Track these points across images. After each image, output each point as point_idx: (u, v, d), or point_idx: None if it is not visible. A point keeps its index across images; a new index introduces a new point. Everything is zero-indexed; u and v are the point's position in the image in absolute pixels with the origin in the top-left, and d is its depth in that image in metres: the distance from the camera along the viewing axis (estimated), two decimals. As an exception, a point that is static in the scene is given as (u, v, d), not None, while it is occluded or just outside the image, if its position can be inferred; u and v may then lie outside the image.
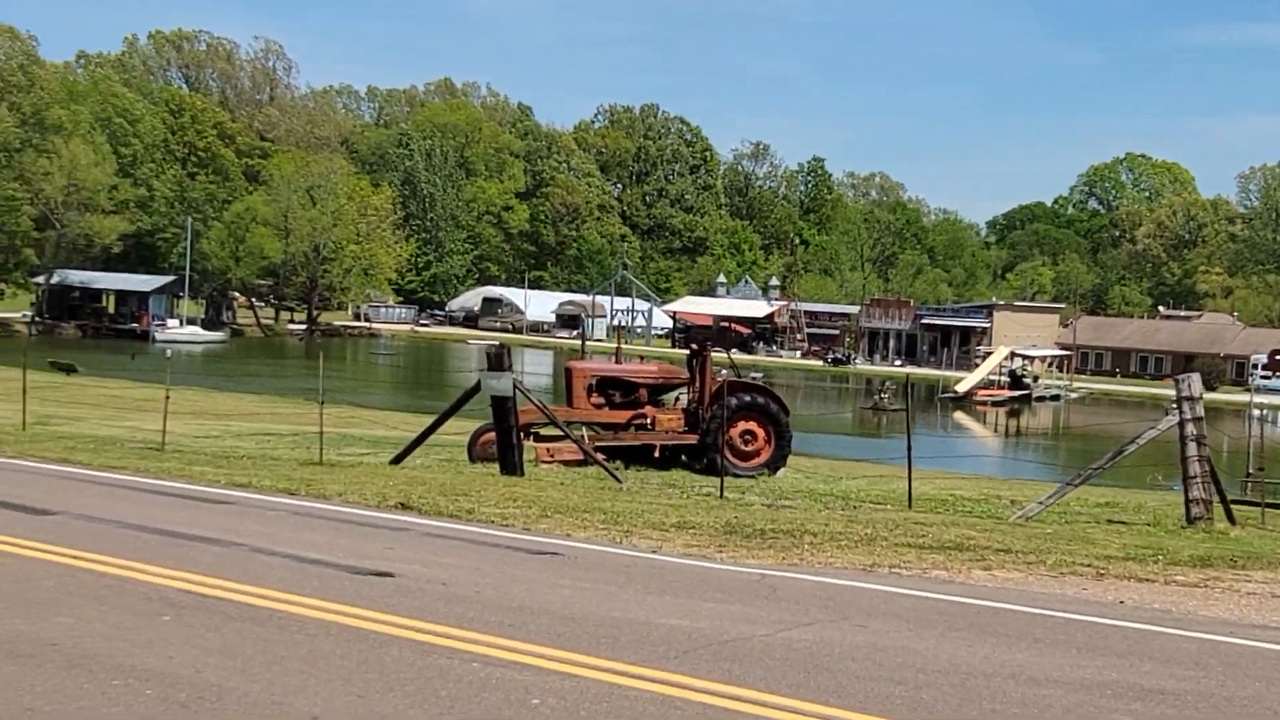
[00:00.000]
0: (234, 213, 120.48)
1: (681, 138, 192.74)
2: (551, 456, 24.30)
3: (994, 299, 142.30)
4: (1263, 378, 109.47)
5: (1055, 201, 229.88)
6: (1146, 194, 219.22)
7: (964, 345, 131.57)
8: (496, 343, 20.91)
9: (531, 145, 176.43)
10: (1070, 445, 60.72)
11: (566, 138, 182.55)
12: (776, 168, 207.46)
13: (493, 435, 23.18)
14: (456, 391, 24.70)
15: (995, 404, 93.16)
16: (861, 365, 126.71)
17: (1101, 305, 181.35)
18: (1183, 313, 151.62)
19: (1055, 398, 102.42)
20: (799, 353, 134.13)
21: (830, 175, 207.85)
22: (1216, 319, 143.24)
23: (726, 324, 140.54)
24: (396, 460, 21.44)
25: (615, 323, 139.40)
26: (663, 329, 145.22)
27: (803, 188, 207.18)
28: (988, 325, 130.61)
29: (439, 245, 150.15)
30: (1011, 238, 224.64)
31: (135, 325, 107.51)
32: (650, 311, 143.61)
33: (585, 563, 12.22)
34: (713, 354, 25.78)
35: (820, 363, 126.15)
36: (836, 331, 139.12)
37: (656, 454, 25.14)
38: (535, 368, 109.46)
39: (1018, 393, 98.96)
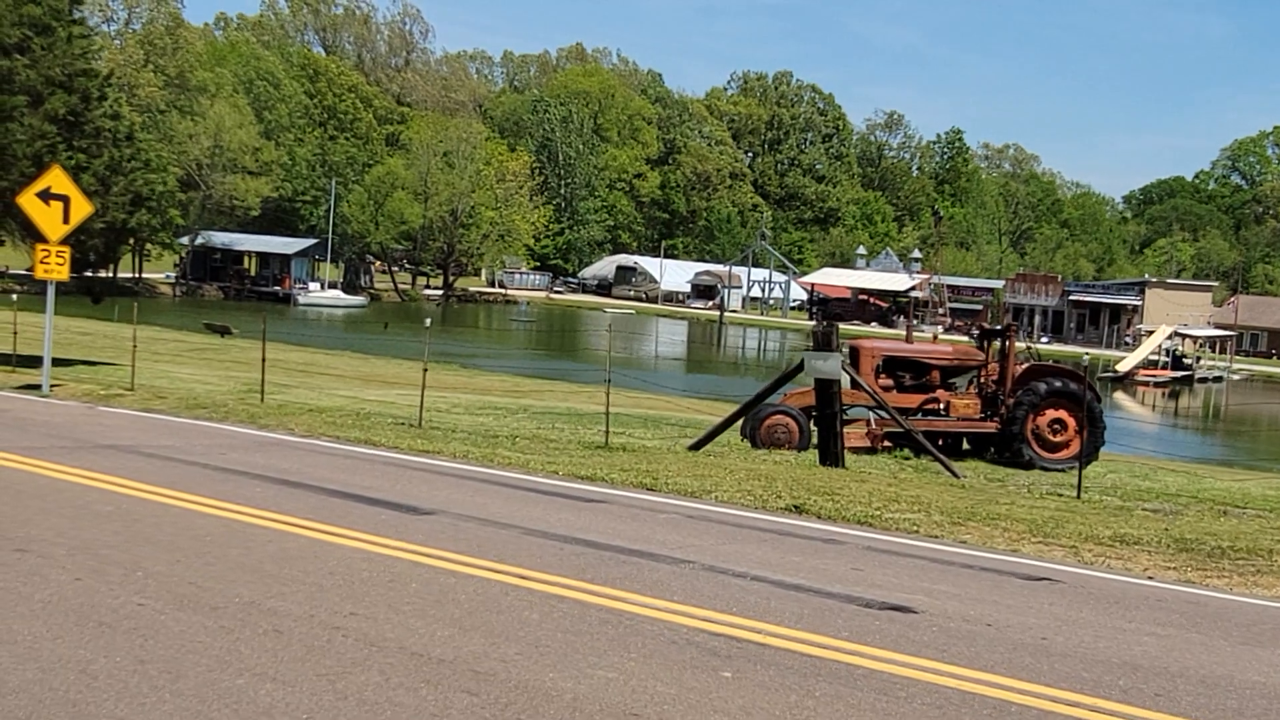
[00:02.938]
0: (374, 176, 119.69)
1: (814, 106, 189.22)
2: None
3: (1146, 275, 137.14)
4: None
5: (1196, 176, 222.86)
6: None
7: (1113, 323, 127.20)
8: (823, 321, 18.68)
9: (663, 112, 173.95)
10: None
11: (699, 104, 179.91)
12: (910, 138, 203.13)
13: (779, 419, 21.13)
14: (638, 361, 22.49)
15: (1157, 384, 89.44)
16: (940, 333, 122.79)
17: (1244, 284, 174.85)
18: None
19: (1218, 379, 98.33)
20: (941, 327, 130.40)
21: (968, 147, 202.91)
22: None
23: (865, 297, 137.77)
24: (696, 446, 19.34)
25: (750, 294, 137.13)
26: (798, 301, 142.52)
27: (938, 159, 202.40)
28: (1139, 303, 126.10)
29: (575, 212, 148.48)
30: (1150, 213, 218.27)
31: (277, 288, 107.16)
32: (787, 283, 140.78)
33: (1092, 592, 9.99)
34: (1014, 339, 23.32)
35: (966, 338, 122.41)
36: (979, 307, 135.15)
37: (965, 445, 22.88)
38: (671, 337, 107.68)
39: (1179, 373, 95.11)
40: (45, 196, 24.15)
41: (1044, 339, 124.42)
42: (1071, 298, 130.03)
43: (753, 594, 9.11)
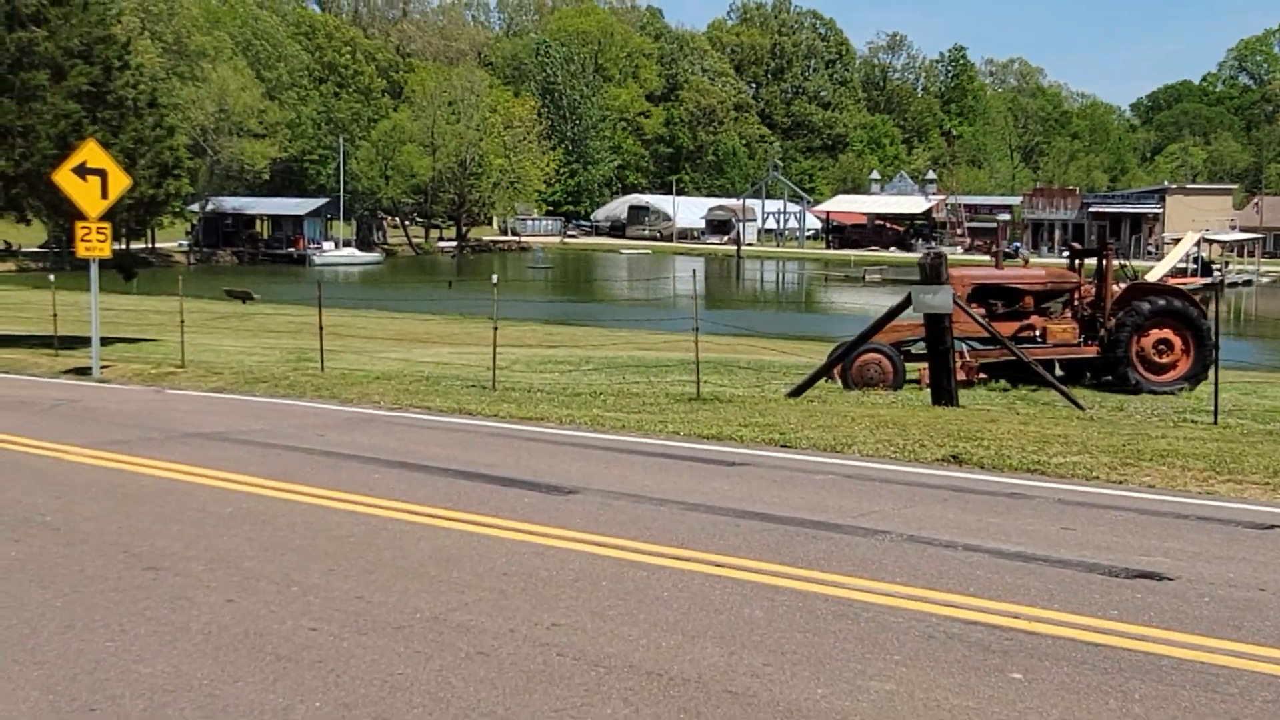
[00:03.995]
0: (381, 131, 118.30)
1: (816, 32, 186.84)
2: (935, 378, 21.04)
3: (1166, 182, 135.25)
4: None
5: (1203, 79, 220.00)
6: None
7: (1135, 233, 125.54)
8: (933, 251, 17.55)
9: (664, 48, 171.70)
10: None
11: (700, 38, 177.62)
12: (914, 59, 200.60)
13: (872, 357, 20.09)
14: (666, 300, 21.38)
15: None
16: (1031, 258, 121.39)
17: (1258, 184, 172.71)
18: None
19: (1247, 283, 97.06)
20: (960, 248, 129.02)
21: (972, 64, 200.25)
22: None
23: (881, 222, 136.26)
24: (796, 392, 18.30)
25: (765, 226, 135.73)
26: (813, 230, 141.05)
27: (942, 78, 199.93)
28: (1160, 211, 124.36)
29: (584, 154, 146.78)
30: (1158, 119, 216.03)
31: (291, 249, 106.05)
32: (802, 213, 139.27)
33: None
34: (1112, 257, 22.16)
35: (987, 257, 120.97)
36: (997, 225, 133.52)
37: (1059, 371, 21.81)
38: (686, 273, 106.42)
39: (1208, 280, 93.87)
40: (82, 172, 23.08)
41: (1066, 252, 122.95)
42: (1091, 210, 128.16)
43: (980, 569, 8.09)
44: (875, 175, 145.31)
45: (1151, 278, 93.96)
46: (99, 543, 8.90)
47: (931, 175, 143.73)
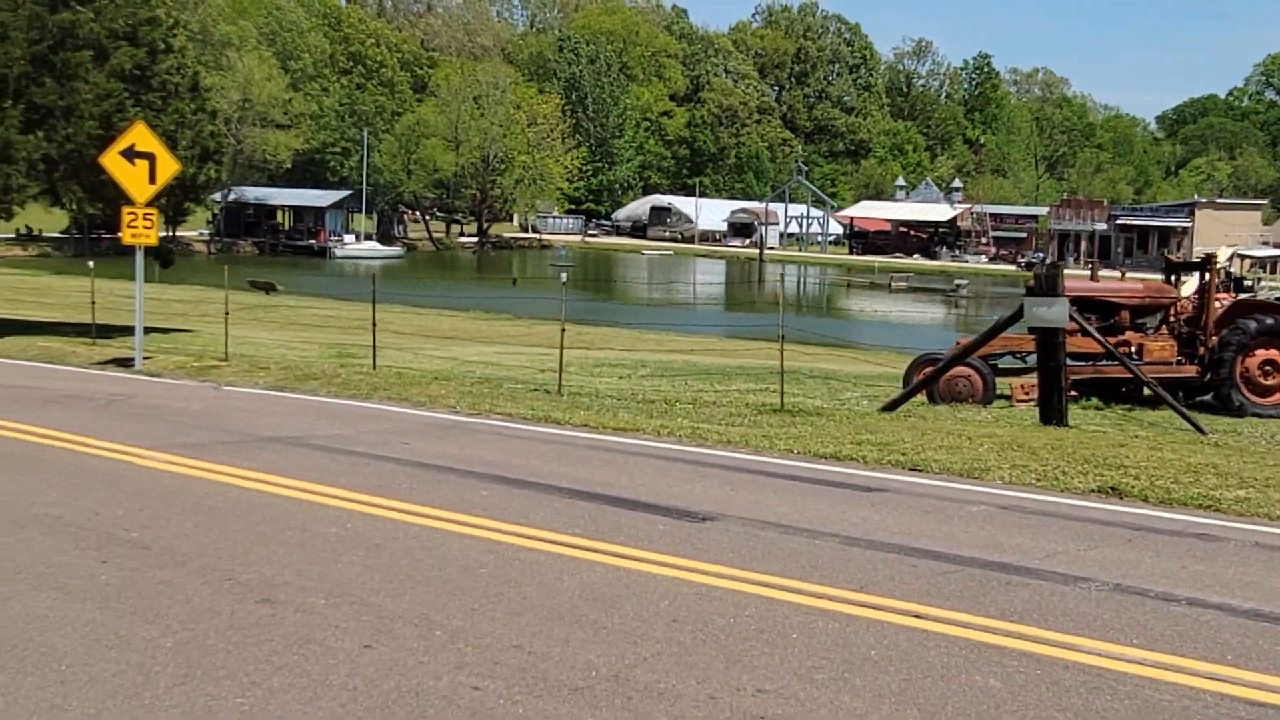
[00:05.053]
0: (404, 125, 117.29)
1: (840, 36, 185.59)
2: (1027, 394, 20.00)
3: (1196, 196, 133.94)
4: None
5: (1229, 94, 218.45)
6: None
7: (1162, 246, 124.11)
8: (1046, 260, 16.48)
9: (688, 48, 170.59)
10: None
11: (723, 39, 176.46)
12: (939, 66, 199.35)
13: (961, 370, 19.01)
14: (696, 303, 20.28)
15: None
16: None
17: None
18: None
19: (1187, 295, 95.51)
20: (985, 257, 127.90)
21: (997, 73, 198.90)
22: None
23: (905, 229, 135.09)
24: (891, 406, 17.23)
25: (787, 230, 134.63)
26: (834, 236, 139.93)
27: (967, 86, 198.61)
28: (1188, 224, 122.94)
29: (607, 152, 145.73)
30: (1183, 132, 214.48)
31: (312, 241, 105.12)
32: (825, 218, 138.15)
33: None
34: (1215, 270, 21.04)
35: (1012, 267, 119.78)
36: (1024, 234, 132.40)
37: (1147, 391, 20.70)
38: (707, 277, 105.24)
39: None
40: (130, 155, 22.11)
41: (1091, 264, 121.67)
42: (1119, 222, 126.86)
43: (1224, 630, 7.01)
44: (900, 182, 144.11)
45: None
46: (198, 566, 7.86)
47: (957, 183, 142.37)
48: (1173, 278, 22.61)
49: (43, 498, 9.66)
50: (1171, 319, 21.25)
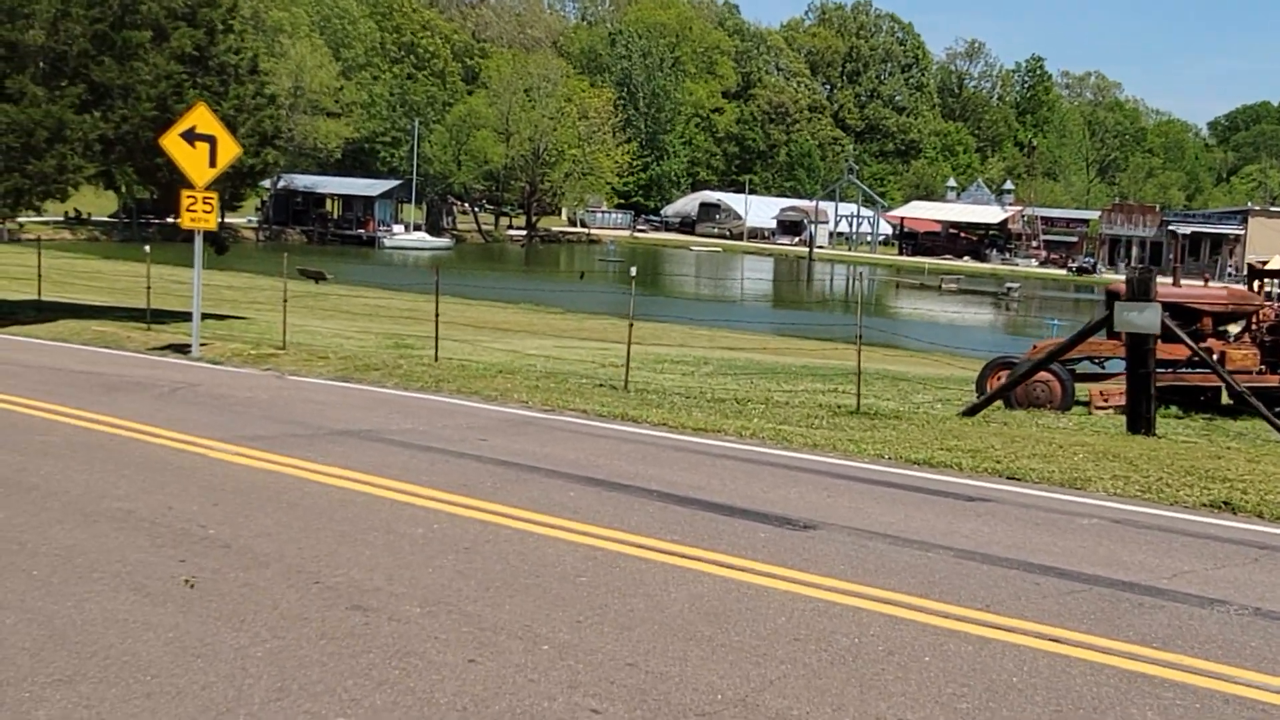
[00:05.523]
0: (456, 115, 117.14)
1: (893, 35, 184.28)
2: (1106, 401, 19.40)
3: (1250, 204, 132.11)
4: None
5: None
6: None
7: (1214, 253, 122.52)
8: (1138, 265, 15.90)
9: (740, 45, 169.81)
10: None
11: (776, 36, 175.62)
12: (991, 67, 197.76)
13: (1042, 375, 18.47)
14: (744, 299, 19.69)
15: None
16: (1107, 274, 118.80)
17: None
18: None
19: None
20: (1035, 261, 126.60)
21: (1049, 75, 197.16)
22: None
23: (955, 230, 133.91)
24: (972, 411, 16.68)
25: (837, 229, 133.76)
26: (884, 236, 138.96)
27: (1018, 88, 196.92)
28: (1241, 232, 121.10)
29: (658, 147, 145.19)
30: (1235, 139, 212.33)
31: (361, 231, 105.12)
32: (876, 218, 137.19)
33: None
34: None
35: (1063, 271, 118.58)
36: (1075, 239, 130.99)
37: (1225, 399, 20.11)
38: (755, 274, 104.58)
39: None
40: (190, 137, 21.76)
41: (1174, 269, 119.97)
42: (1170, 228, 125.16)
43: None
44: (951, 183, 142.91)
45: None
46: (282, 568, 7.44)
47: (1008, 185, 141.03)
48: (1255, 285, 21.89)
49: (113, 490, 9.28)
50: (1254, 327, 20.57)
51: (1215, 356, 19.79)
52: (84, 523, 8.35)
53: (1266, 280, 20.45)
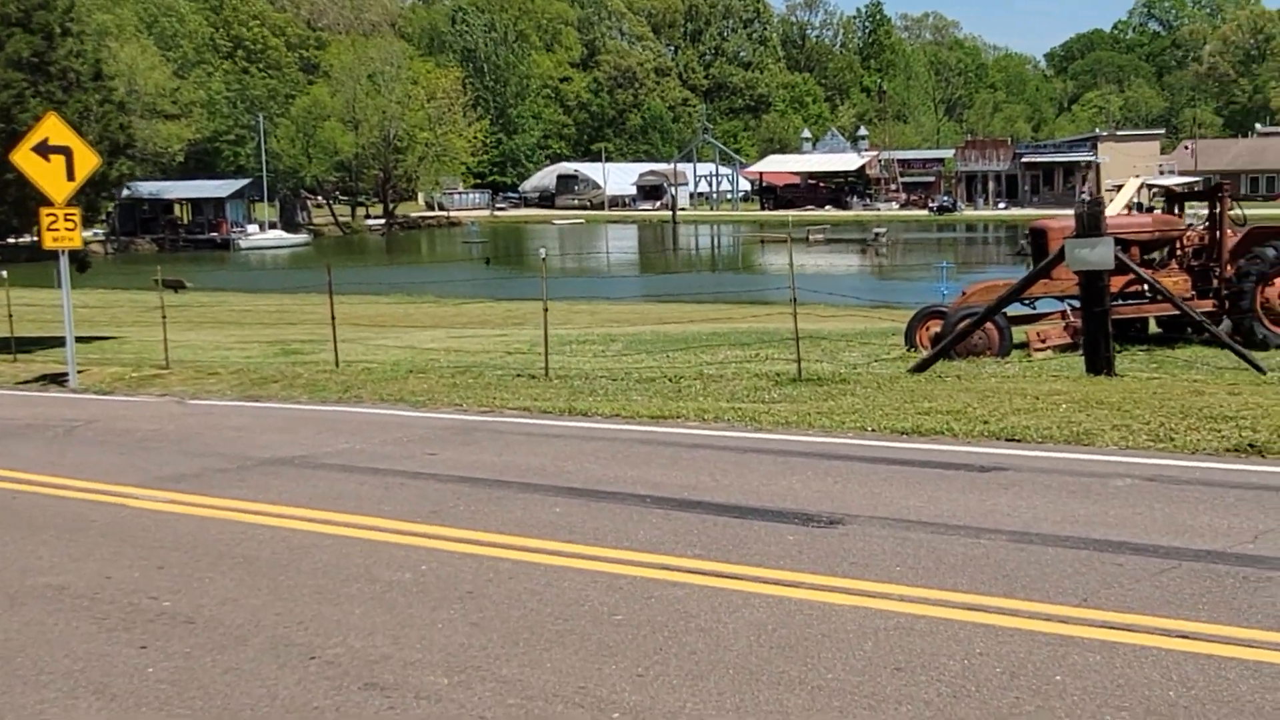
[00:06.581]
0: (300, 108, 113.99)
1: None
2: (1044, 342, 18.84)
3: (1097, 130, 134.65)
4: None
5: (1114, 27, 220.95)
6: (1208, 10, 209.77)
7: (1067, 182, 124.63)
8: (1085, 197, 15.22)
9: (582, 13, 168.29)
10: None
11: (616, 1, 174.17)
12: (832, 15, 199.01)
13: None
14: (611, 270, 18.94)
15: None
16: (967, 211, 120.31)
17: (1173, 129, 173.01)
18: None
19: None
20: (896, 204, 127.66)
21: (889, 19, 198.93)
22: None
23: (814, 181, 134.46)
24: (921, 368, 15.91)
25: (697, 190, 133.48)
26: (743, 192, 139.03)
27: (860, 34, 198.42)
28: (1092, 159, 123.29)
29: (509, 121, 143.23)
30: (1073, 68, 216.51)
31: (214, 234, 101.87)
32: (734, 175, 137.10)
33: None
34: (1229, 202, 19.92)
35: (924, 212, 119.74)
36: (932, 179, 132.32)
37: (1154, 328, 19.73)
38: (622, 243, 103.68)
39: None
40: (44, 150, 20.12)
41: (1001, 204, 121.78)
42: (1024, 160, 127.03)
43: None
44: (806, 134, 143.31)
45: (1110, 212, 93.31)
46: (265, 642, 6.28)
47: (862, 132, 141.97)
48: (1174, 209, 21.49)
49: (35, 562, 8.00)
50: (1179, 253, 20.14)
51: (1146, 286, 19.31)
52: (10, 607, 7.09)
53: (1215, 200, 19.96)
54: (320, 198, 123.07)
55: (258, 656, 6.08)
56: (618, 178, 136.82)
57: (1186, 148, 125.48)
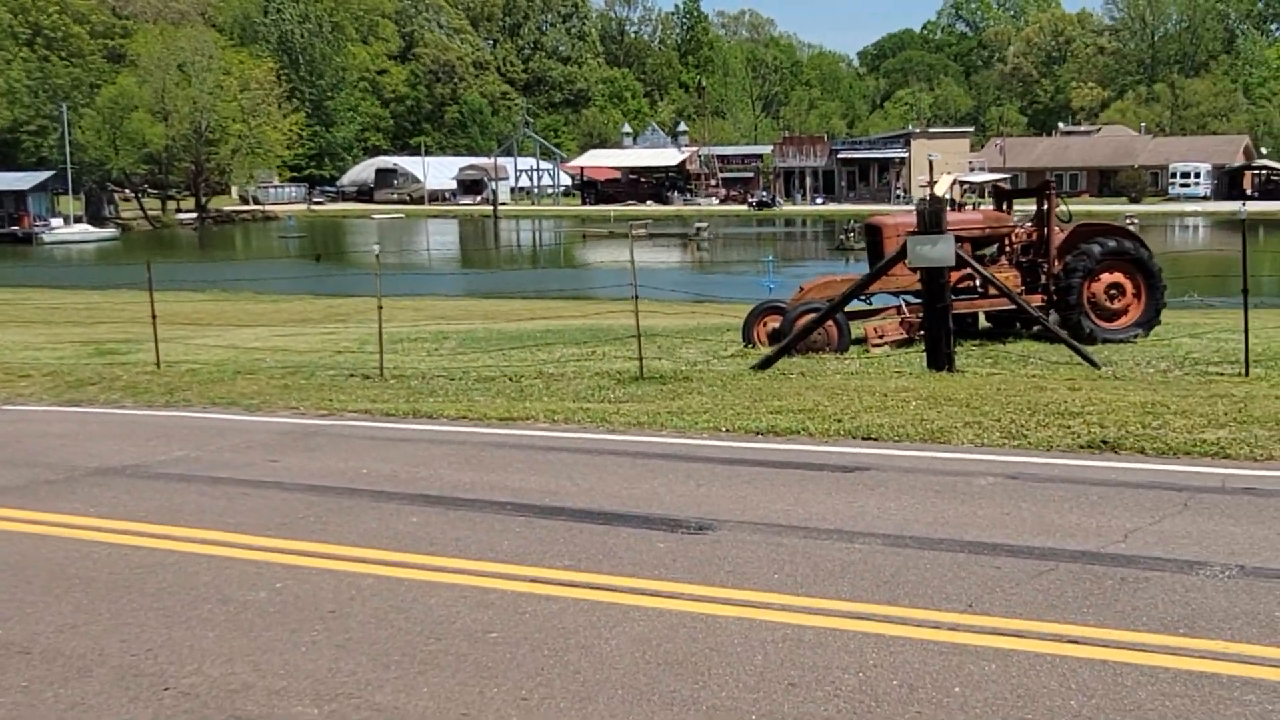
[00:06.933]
0: (106, 98, 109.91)
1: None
2: (881, 338, 19.02)
3: (910, 127, 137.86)
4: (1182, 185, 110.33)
5: (924, 28, 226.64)
6: (1012, 13, 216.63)
7: (882, 178, 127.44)
8: (927, 195, 15.34)
9: (399, 4, 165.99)
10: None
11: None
12: (650, 11, 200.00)
13: (815, 319, 17.82)
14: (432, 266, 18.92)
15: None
16: (786, 206, 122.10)
17: (981, 127, 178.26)
18: (1083, 128, 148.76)
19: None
20: (715, 199, 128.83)
21: (706, 16, 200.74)
22: (1117, 132, 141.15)
23: (636, 176, 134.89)
24: (765, 365, 15.86)
25: (519, 184, 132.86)
26: (564, 187, 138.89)
27: (678, 30, 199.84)
28: (905, 155, 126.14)
29: (325, 114, 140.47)
30: (885, 67, 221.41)
31: (15, 228, 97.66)
32: (555, 170, 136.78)
33: None
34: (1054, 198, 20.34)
35: (744, 207, 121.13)
36: (751, 174, 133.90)
37: (984, 323, 20.10)
38: (443, 238, 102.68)
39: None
40: None
41: (819, 200, 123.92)
42: (840, 156, 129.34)
43: None
44: (626, 129, 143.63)
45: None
46: (113, 674, 5.82)
47: (682, 127, 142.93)
48: (1003, 206, 21.92)
49: None
50: (1009, 249, 20.55)
51: (978, 281, 19.63)
52: None
53: (1043, 197, 20.38)
54: (129, 191, 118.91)
55: (105, 689, 5.63)
56: (438, 172, 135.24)
57: (997, 145, 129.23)
